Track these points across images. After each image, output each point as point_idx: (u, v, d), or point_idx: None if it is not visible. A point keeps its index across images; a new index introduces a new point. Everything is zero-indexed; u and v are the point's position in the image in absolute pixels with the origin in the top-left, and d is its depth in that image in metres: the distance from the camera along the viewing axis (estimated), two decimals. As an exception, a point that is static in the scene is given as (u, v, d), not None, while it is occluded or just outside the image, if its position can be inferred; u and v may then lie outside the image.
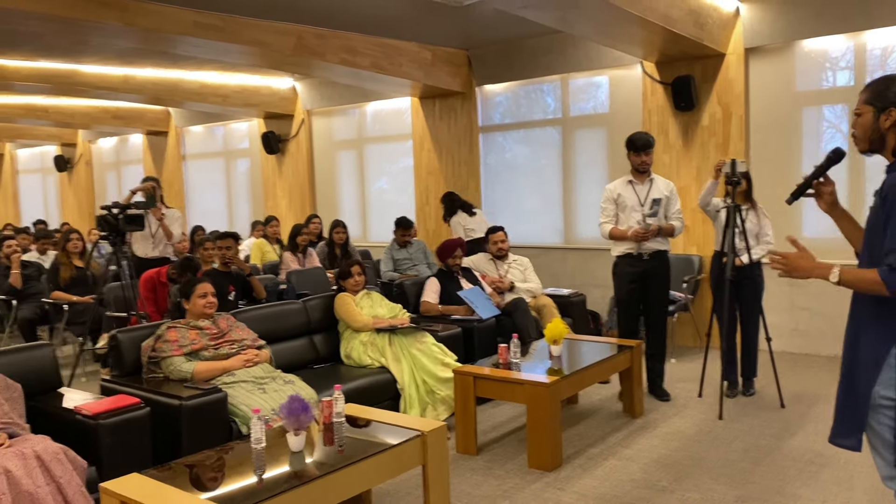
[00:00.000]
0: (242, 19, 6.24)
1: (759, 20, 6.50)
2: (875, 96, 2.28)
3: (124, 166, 13.96)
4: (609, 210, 5.21)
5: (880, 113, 2.27)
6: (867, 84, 2.36)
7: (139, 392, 3.71)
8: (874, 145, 2.31)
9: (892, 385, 2.23)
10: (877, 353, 2.26)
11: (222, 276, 5.71)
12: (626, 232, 5.10)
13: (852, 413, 2.33)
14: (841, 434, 2.37)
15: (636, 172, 5.17)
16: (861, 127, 2.33)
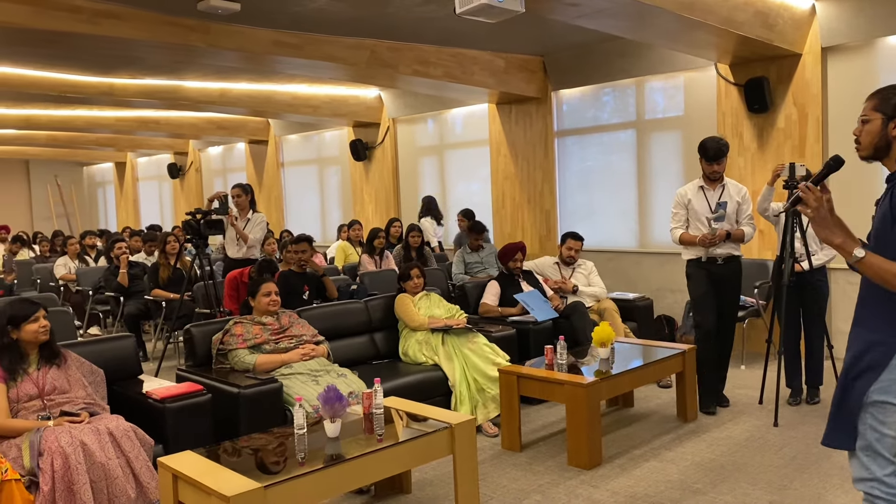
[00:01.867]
0: (318, 37, 6.65)
1: (837, 18, 6.31)
2: (884, 104, 2.31)
3: (230, 173, 14.88)
4: (680, 215, 5.17)
5: (889, 121, 2.30)
6: (875, 91, 2.38)
7: (206, 380, 4.11)
8: (879, 153, 2.34)
9: (886, 390, 2.25)
10: (878, 352, 2.28)
11: (298, 277, 6.12)
12: (696, 238, 5.04)
13: (845, 414, 2.36)
14: (833, 436, 2.41)
15: (708, 179, 5.10)
16: (868, 133, 2.35)
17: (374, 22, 6.48)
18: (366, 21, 6.44)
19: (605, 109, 8.33)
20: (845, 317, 6.31)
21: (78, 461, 3.14)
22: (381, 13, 6.21)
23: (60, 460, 3.09)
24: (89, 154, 17.96)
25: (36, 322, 3.53)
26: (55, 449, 3.11)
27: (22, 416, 3.40)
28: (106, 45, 5.93)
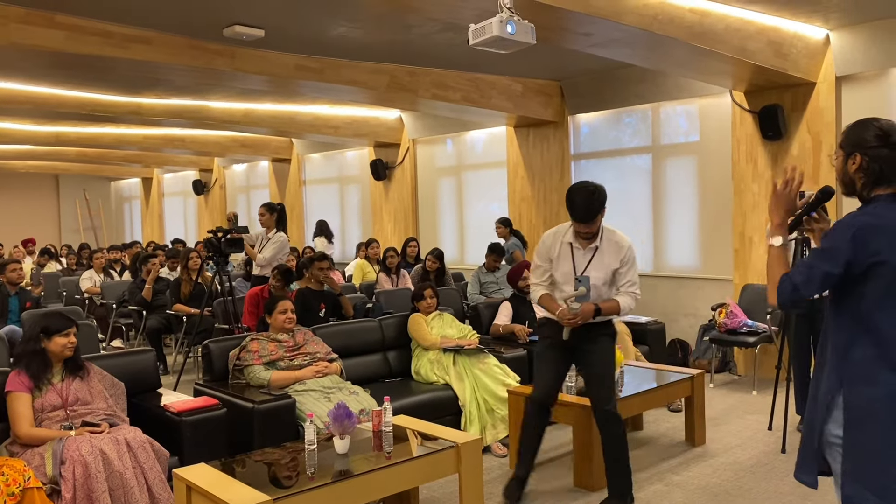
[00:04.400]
0: (339, 61, 6.85)
1: (851, 48, 6.37)
2: (845, 141, 2.38)
3: (253, 190, 15.14)
4: (543, 269, 4.04)
5: (848, 157, 2.37)
6: (845, 128, 2.46)
7: (222, 395, 4.25)
8: (847, 188, 2.41)
9: (840, 423, 2.31)
10: (829, 390, 2.35)
11: (315, 295, 6.26)
12: (555, 308, 3.94)
13: (810, 450, 2.42)
14: (801, 469, 2.47)
15: (578, 236, 3.98)
16: (836, 170, 2.44)
17: (393, 47, 6.66)
18: (385, 46, 6.62)
19: (622, 134, 8.43)
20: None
21: (98, 470, 3.28)
22: (401, 39, 6.39)
23: (81, 469, 3.23)
24: (117, 170, 18.37)
25: (66, 337, 3.68)
26: (76, 458, 3.25)
27: (45, 425, 3.55)
28: (135, 67, 6.17)
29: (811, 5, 5.66)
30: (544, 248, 4.03)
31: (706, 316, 7.32)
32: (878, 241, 2.23)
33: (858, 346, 2.31)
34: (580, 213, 3.84)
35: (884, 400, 2.28)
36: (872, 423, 2.28)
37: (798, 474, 2.48)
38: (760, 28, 5.81)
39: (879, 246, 2.23)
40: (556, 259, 3.98)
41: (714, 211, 7.62)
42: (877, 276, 2.25)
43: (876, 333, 2.28)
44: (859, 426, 2.29)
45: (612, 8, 4.69)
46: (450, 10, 4.57)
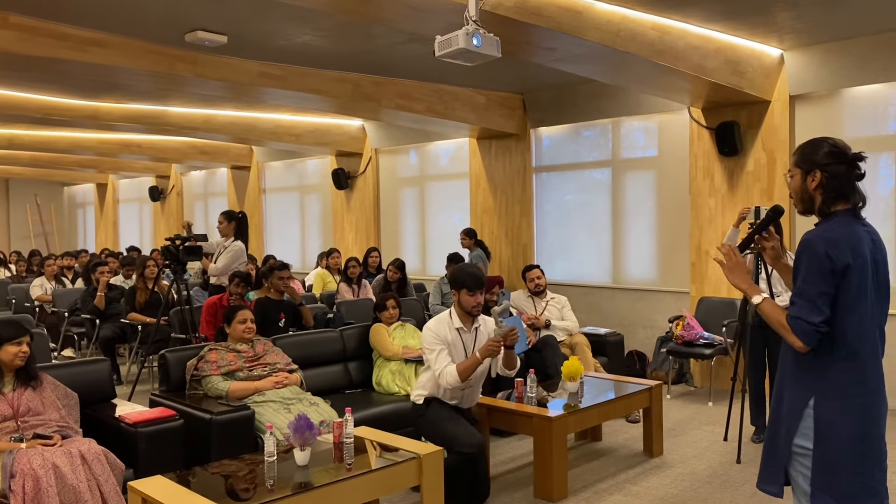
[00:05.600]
0: (303, 69, 6.81)
1: (804, 68, 6.56)
2: (802, 159, 2.45)
3: (211, 198, 14.94)
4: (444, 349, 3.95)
5: (806, 175, 2.44)
6: (798, 146, 2.53)
7: (179, 406, 4.16)
8: (805, 205, 2.48)
9: (807, 435, 2.37)
10: (796, 403, 2.41)
11: (274, 304, 6.18)
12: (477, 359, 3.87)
13: (775, 461, 2.47)
14: (765, 480, 2.52)
15: (466, 315, 4.01)
16: (794, 189, 2.50)
17: (357, 57, 6.65)
18: (350, 56, 6.61)
19: (582, 148, 8.54)
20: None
21: (49, 483, 3.18)
22: (365, 49, 6.38)
23: (32, 483, 3.13)
24: (70, 175, 17.95)
25: (18, 346, 3.57)
26: (27, 471, 3.15)
27: (-6, 437, 3.43)
28: (92, 71, 6.05)
29: (767, 26, 5.82)
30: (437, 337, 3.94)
31: (664, 328, 7.44)
32: (845, 252, 2.31)
33: (827, 357, 2.36)
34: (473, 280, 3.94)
35: (853, 411, 2.34)
36: (840, 434, 2.33)
37: (762, 484, 2.52)
38: (719, 46, 5.95)
39: (846, 256, 2.30)
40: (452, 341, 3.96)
41: (671, 225, 7.75)
42: (844, 287, 2.31)
43: (843, 343, 2.34)
44: (828, 438, 2.34)
45: (575, 24, 4.76)
46: (416, 22, 4.59)
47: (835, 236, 2.33)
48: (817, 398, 2.37)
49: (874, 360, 2.40)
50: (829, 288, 2.31)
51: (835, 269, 2.30)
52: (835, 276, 2.31)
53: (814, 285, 2.32)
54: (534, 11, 4.41)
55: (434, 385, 3.94)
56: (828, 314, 2.32)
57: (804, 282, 2.36)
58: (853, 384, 2.35)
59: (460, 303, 3.97)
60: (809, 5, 5.23)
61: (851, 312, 2.33)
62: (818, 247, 2.33)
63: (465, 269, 4.06)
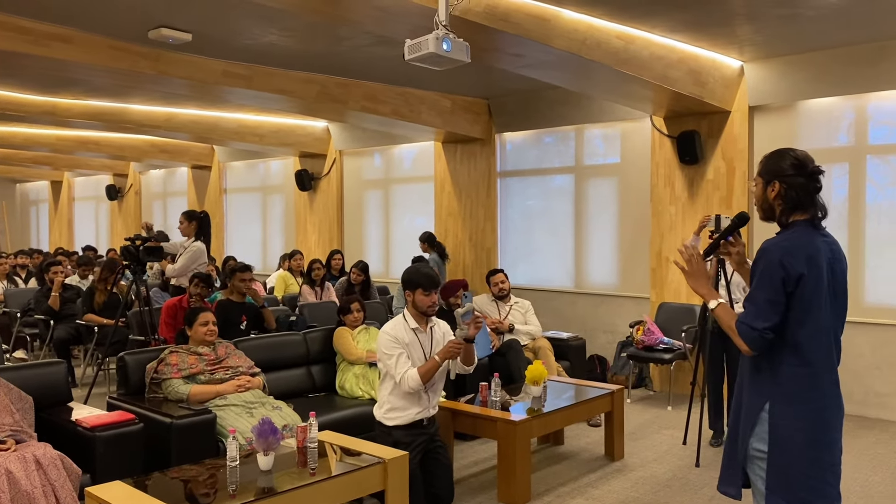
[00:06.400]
0: (268, 69, 6.75)
1: (763, 80, 6.72)
2: (764, 169, 2.52)
3: (170, 197, 14.69)
4: (402, 352, 3.82)
5: (767, 185, 2.50)
6: (763, 157, 2.59)
7: (138, 409, 4.08)
8: (766, 214, 2.55)
9: (763, 439, 2.43)
10: (753, 407, 2.47)
11: (236, 306, 6.10)
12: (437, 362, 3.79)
13: (734, 463, 2.53)
14: (725, 482, 2.57)
15: (420, 316, 3.93)
16: (756, 197, 2.57)
17: (324, 58, 6.61)
18: (316, 57, 6.57)
19: (546, 154, 8.61)
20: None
21: (2, 490, 3.09)
22: (332, 50, 6.35)
23: (-15, 489, 3.04)
24: (24, 171, 17.47)
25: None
26: (-20, 477, 3.06)
27: (-56, 442, 3.32)
28: (52, 66, 5.91)
29: (728, 37, 5.94)
30: (395, 340, 3.83)
31: (624, 332, 7.54)
32: (800, 261, 2.37)
33: (781, 363, 2.43)
34: (428, 280, 3.87)
35: (806, 416, 2.40)
36: (794, 440, 2.39)
37: (722, 486, 2.58)
38: (682, 57, 6.06)
39: (801, 265, 2.36)
40: (409, 344, 3.86)
41: (633, 231, 7.86)
42: (799, 295, 2.37)
43: (798, 350, 2.40)
44: (782, 442, 2.40)
45: (542, 31, 4.81)
46: (383, 24, 4.58)
47: (791, 246, 2.40)
48: (772, 403, 2.43)
49: (829, 367, 2.46)
50: (779, 296, 2.37)
51: (787, 279, 2.36)
52: (787, 285, 2.37)
53: (764, 292, 2.39)
54: (502, 17, 4.44)
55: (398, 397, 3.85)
56: (775, 321, 2.38)
57: (756, 288, 2.43)
58: (807, 390, 2.41)
59: (415, 303, 3.89)
60: (769, 19, 5.36)
61: (806, 320, 2.40)
62: (774, 255, 2.39)
63: (419, 269, 3.99)
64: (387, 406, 3.85)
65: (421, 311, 3.91)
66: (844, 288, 2.50)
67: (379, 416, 3.86)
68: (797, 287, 2.37)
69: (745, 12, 5.18)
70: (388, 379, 3.87)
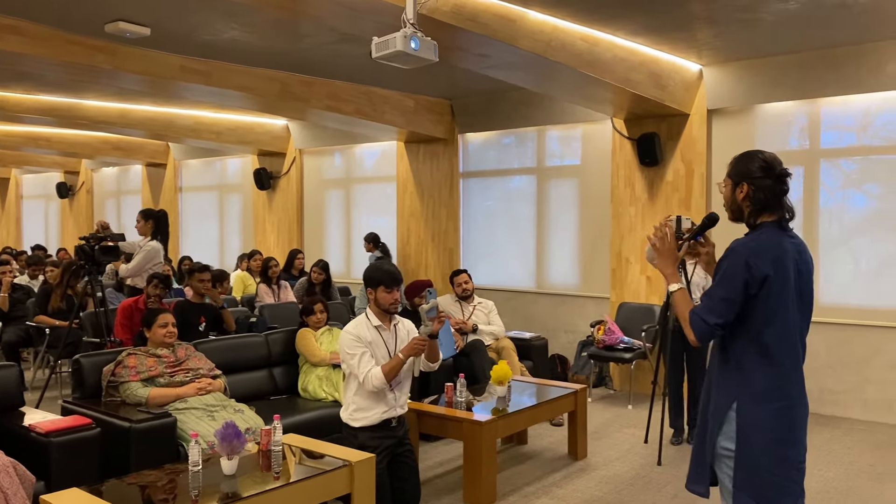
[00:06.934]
0: (228, 65, 6.63)
1: (721, 84, 6.84)
2: (733, 171, 2.56)
3: (124, 196, 14.35)
4: (365, 351, 3.73)
5: (736, 186, 2.54)
6: (733, 158, 2.63)
7: (94, 413, 3.96)
8: (735, 215, 2.58)
9: (731, 437, 2.46)
10: (721, 406, 2.50)
11: (194, 307, 5.98)
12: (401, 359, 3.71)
13: (702, 461, 2.56)
14: (693, 480, 2.60)
15: (383, 314, 3.83)
16: (724, 198, 2.60)
17: (286, 55, 6.52)
18: (279, 54, 6.47)
19: (508, 154, 8.64)
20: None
21: (-50, 499, 2.97)
22: (295, 47, 6.26)
23: (-66, 499, 2.91)
24: (-32, 167, 16.91)
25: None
26: (-73, 486, 2.93)
27: None
28: (4, 59, 5.71)
29: (687, 41, 6.03)
30: (356, 339, 3.73)
31: (585, 332, 7.61)
32: (766, 262, 2.40)
33: (749, 363, 2.46)
34: (389, 277, 3.80)
35: (773, 415, 2.44)
36: (761, 438, 2.43)
37: (690, 485, 2.60)
38: (643, 60, 6.13)
39: (767, 266, 2.40)
40: (372, 343, 3.77)
41: (593, 232, 7.94)
42: (764, 295, 2.41)
43: (764, 350, 2.44)
44: (749, 440, 2.44)
45: (508, 32, 4.81)
46: (349, 21, 4.53)
47: (758, 246, 2.44)
48: (739, 402, 2.47)
49: (795, 366, 2.50)
50: (736, 296, 2.41)
51: (751, 280, 2.40)
52: (749, 286, 2.40)
53: (722, 290, 2.43)
54: (469, 17, 4.43)
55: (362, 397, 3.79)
56: (727, 319, 2.43)
57: (716, 285, 2.48)
58: (773, 389, 2.45)
59: (377, 301, 3.81)
60: (731, 23, 5.45)
61: (772, 320, 2.43)
62: (740, 255, 2.43)
63: (380, 266, 3.94)
64: (352, 407, 3.79)
65: (383, 309, 3.84)
66: (810, 288, 2.54)
67: (345, 418, 3.81)
68: (762, 288, 2.41)
69: (707, 16, 5.26)
70: (352, 379, 3.81)
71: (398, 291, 3.85)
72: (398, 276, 3.87)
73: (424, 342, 3.75)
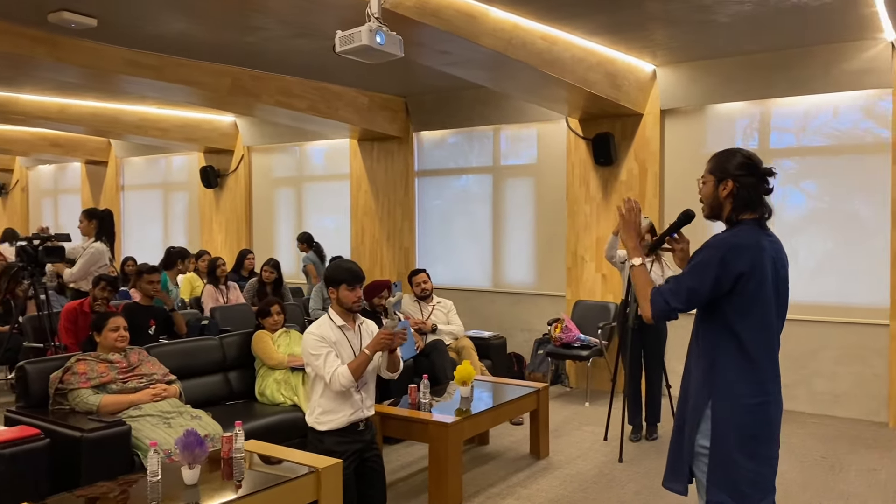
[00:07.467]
0: (177, 59, 6.41)
1: (674, 84, 6.94)
2: (716, 167, 2.55)
3: (62, 194, 13.82)
4: (329, 351, 3.60)
5: (719, 183, 2.54)
6: (713, 155, 2.63)
7: (42, 423, 3.75)
8: (714, 211, 2.58)
9: (707, 435, 2.47)
10: (698, 404, 2.50)
11: (144, 310, 5.76)
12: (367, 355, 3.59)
13: (680, 459, 2.56)
14: (671, 478, 2.60)
15: (347, 313, 3.72)
16: (704, 195, 2.60)
17: (237, 49, 6.33)
18: (229, 47, 6.28)
19: (464, 153, 8.60)
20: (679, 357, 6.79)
21: None
22: (247, 41, 6.08)
23: None
24: None
25: None
26: None
27: None
28: (-67, 49, 5.39)
29: (642, 41, 6.09)
30: (320, 339, 3.60)
31: (540, 330, 7.63)
32: (744, 259, 2.41)
33: (723, 360, 2.47)
34: (350, 274, 3.70)
35: (747, 410, 2.45)
36: (736, 433, 2.44)
37: (667, 483, 2.59)
38: (600, 60, 6.17)
39: (744, 264, 2.40)
40: (336, 343, 3.65)
41: (549, 230, 7.96)
42: (740, 292, 2.41)
43: (741, 347, 2.44)
44: (724, 435, 2.44)
45: (470, 29, 4.76)
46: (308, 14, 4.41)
47: (738, 243, 2.44)
48: (715, 399, 2.47)
49: (771, 364, 2.52)
50: (704, 289, 2.41)
51: (722, 276, 2.40)
52: (719, 282, 2.40)
53: (691, 280, 2.44)
54: (432, 13, 4.37)
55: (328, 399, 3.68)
56: (688, 308, 2.45)
57: (688, 271, 2.48)
58: (748, 384, 2.46)
59: (339, 300, 3.69)
60: (688, 24, 5.51)
61: (748, 316, 2.44)
62: (718, 250, 2.43)
63: (340, 264, 3.83)
64: (318, 410, 3.68)
65: (346, 308, 3.72)
66: (787, 288, 2.56)
67: (311, 422, 3.69)
68: (736, 285, 2.41)
69: (665, 16, 5.31)
70: (317, 381, 3.69)
71: (360, 289, 3.75)
72: (360, 274, 3.77)
73: (391, 335, 3.65)
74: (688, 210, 2.73)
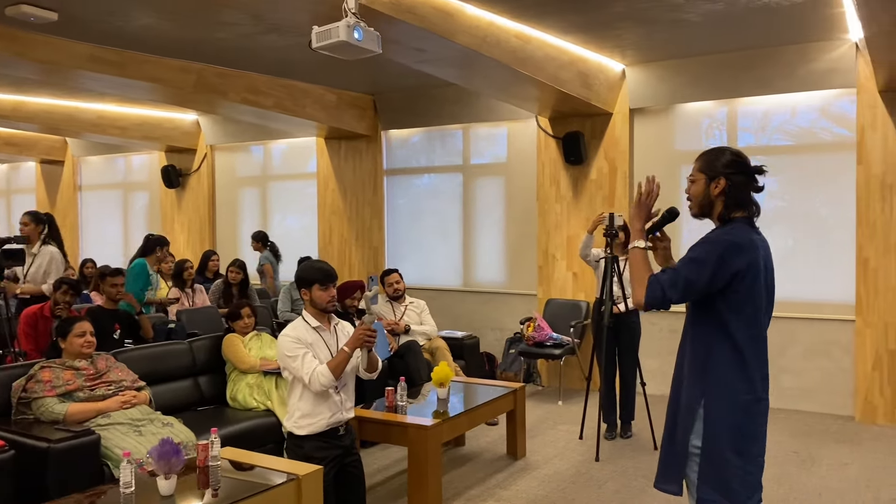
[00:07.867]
0: (141, 55, 6.22)
1: (643, 84, 6.97)
2: (707, 165, 2.54)
3: (15, 195, 13.39)
4: (306, 351, 3.49)
5: (710, 181, 2.53)
6: (701, 153, 2.61)
7: (5, 434, 3.58)
8: (704, 209, 2.57)
9: (699, 434, 2.46)
10: (691, 404, 2.49)
11: (108, 314, 5.58)
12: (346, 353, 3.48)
13: (673, 460, 2.55)
14: (663, 480, 2.58)
15: (321, 314, 3.61)
16: (694, 193, 2.58)
17: (203, 45, 6.16)
18: (194, 43, 6.11)
19: (433, 152, 8.54)
20: (653, 354, 6.84)
21: None
22: (213, 37, 5.93)
23: None
24: None
25: None
26: None
27: None
28: None
29: (613, 40, 6.10)
30: (298, 341, 3.49)
31: (512, 329, 7.61)
32: (741, 258, 2.41)
33: (716, 358, 2.46)
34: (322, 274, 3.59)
35: (738, 408, 2.44)
36: (726, 431, 2.44)
37: (659, 484, 2.58)
38: (572, 59, 6.16)
39: (741, 262, 2.40)
40: (313, 345, 3.55)
41: (519, 229, 7.95)
42: (734, 290, 2.41)
43: (733, 346, 2.44)
44: (715, 433, 2.44)
45: (446, 26, 4.70)
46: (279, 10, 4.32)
47: (735, 242, 2.44)
48: (706, 398, 2.47)
49: (760, 362, 2.52)
50: (701, 283, 2.40)
51: (718, 272, 2.39)
52: (715, 277, 2.39)
53: (690, 271, 2.41)
54: (408, 9, 4.30)
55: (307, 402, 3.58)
56: (682, 300, 2.44)
57: (685, 264, 2.44)
58: (739, 382, 2.46)
59: (313, 301, 3.57)
60: (661, 23, 5.52)
61: (740, 313, 2.44)
62: (717, 246, 2.42)
63: (311, 265, 3.71)
64: (297, 414, 3.58)
65: (321, 308, 3.60)
66: (773, 285, 2.57)
67: (290, 427, 3.59)
68: (731, 283, 2.40)
69: (637, 15, 5.32)
70: (295, 384, 3.58)
71: (334, 288, 3.65)
72: (333, 273, 3.66)
73: (372, 332, 3.56)
74: (672, 208, 2.72)
